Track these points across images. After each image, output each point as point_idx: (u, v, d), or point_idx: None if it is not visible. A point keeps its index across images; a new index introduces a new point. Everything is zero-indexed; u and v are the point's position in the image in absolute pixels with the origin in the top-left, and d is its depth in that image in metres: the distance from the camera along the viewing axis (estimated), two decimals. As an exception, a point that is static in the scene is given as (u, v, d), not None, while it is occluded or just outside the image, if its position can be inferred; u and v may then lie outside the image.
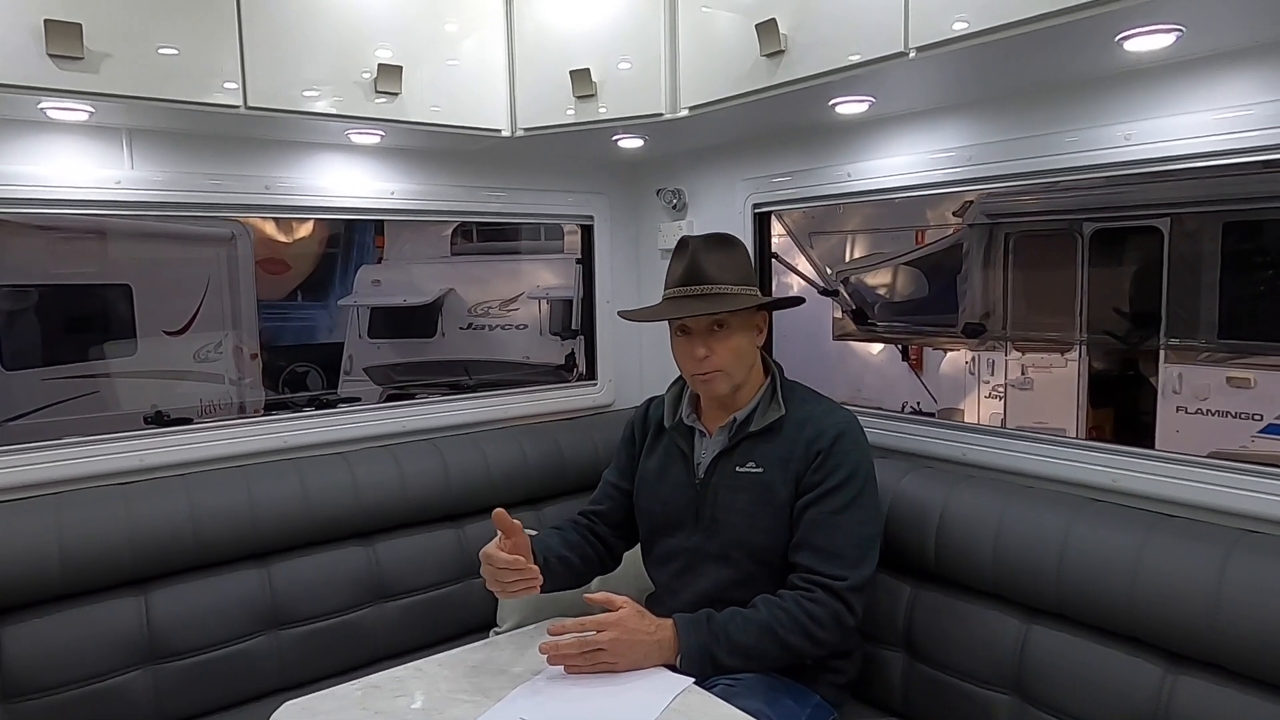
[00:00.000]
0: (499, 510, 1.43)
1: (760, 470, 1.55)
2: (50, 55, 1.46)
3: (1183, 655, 1.33)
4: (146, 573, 1.73)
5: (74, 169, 1.77)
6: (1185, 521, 1.44)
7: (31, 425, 4.77)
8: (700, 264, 1.55)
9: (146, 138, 1.85)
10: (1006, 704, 1.52)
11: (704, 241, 1.59)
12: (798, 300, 1.93)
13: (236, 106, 1.67)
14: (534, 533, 1.62)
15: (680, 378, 1.69)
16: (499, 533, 1.45)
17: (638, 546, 1.77)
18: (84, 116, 1.68)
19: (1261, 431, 4.12)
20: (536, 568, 1.46)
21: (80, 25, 1.47)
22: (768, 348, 2.31)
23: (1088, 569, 1.43)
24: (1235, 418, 4.21)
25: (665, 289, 1.60)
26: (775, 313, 1.85)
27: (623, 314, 1.73)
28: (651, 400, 1.79)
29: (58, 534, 1.63)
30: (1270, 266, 4.18)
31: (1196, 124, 1.43)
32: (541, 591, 1.51)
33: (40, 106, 1.60)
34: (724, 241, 1.61)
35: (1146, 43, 1.33)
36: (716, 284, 1.53)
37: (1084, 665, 1.43)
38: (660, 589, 1.68)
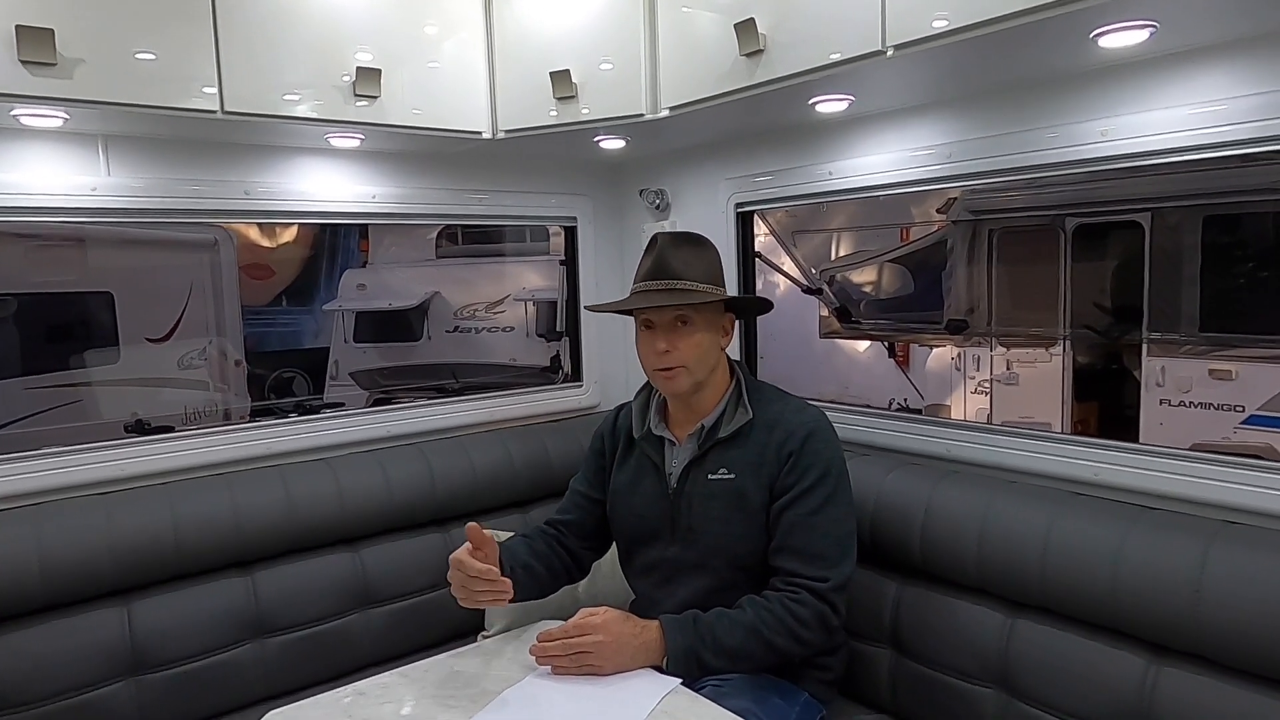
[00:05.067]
0: (473, 525, 1.42)
1: (732, 477, 1.54)
2: (22, 61, 1.45)
3: (1165, 646, 1.34)
4: (129, 583, 1.71)
5: (49, 176, 1.75)
6: (1166, 513, 1.45)
7: (12, 435, 4.72)
8: (667, 259, 1.54)
9: (123, 144, 1.83)
10: (992, 698, 1.52)
11: (673, 238, 1.59)
12: (765, 303, 1.80)
13: (214, 111, 1.65)
14: (505, 535, 1.61)
15: (646, 384, 1.68)
16: (469, 543, 1.43)
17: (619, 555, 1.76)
18: (58, 123, 1.66)
19: (1244, 423, 4.16)
20: (508, 580, 1.42)
21: (52, 31, 1.46)
22: (749, 352, 2.33)
23: (1071, 562, 1.44)
24: (1218, 409, 4.25)
25: (633, 284, 1.59)
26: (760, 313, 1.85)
27: (589, 307, 1.73)
28: (621, 408, 1.76)
29: (37, 545, 1.61)
30: (1250, 259, 4.22)
31: (1172, 119, 1.44)
32: (508, 602, 1.48)
33: (13, 113, 1.59)
34: (693, 240, 1.61)
35: (1121, 39, 1.34)
36: (681, 279, 1.52)
37: (1068, 658, 1.43)
38: (642, 599, 1.67)
